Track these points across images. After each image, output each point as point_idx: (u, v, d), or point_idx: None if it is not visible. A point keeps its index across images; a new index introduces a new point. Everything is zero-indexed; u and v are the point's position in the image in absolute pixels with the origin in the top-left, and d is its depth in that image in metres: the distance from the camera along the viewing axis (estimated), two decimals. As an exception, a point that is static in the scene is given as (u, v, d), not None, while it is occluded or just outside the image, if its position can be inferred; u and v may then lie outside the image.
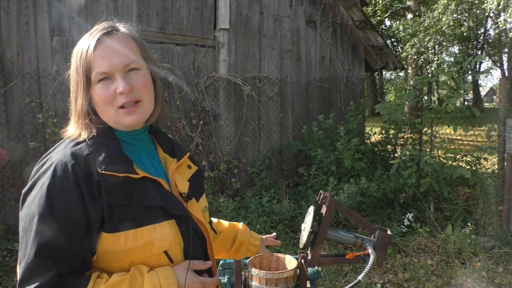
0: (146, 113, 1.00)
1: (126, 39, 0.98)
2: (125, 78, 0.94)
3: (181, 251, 1.00)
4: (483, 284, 3.42)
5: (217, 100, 5.10)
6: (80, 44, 0.98)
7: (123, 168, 0.92)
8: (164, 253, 0.96)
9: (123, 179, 0.91)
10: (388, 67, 6.26)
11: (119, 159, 0.94)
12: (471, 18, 12.49)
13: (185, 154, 1.14)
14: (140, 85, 0.96)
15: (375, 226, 1.40)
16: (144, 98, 0.98)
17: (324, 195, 1.47)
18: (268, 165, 5.31)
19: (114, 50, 0.94)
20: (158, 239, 0.94)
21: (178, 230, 0.99)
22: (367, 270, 1.10)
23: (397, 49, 19.60)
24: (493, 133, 4.77)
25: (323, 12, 5.66)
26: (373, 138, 5.51)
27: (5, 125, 4.18)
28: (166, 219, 0.97)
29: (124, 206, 0.91)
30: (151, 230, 0.93)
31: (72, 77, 0.98)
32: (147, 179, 0.96)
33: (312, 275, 1.59)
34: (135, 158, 1.01)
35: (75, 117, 0.99)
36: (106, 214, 0.88)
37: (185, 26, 4.91)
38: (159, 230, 0.95)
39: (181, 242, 0.99)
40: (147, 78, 0.99)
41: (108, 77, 0.94)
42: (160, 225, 0.95)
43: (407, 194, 4.58)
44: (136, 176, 0.93)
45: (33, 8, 4.23)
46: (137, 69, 0.97)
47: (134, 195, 0.92)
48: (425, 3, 15.84)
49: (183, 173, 1.11)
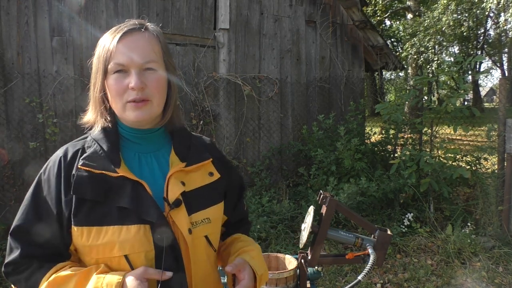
0: (153, 113, 0.99)
1: (151, 38, 0.99)
2: (139, 75, 0.95)
3: (146, 259, 0.92)
4: (483, 284, 3.42)
5: (217, 100, 5.10)
6: (107, 35, 1.00)
7: (101, 165, 0.94)
8: (124, 257, 0.91)
9: (99, 176, 0.93)
10: (388, 67, 6.27)
11: (103, 156, 0.96)
12: (471, 18, 12.50)
13: (203, 160, 1.06)
14: (153, 85, 0.96)
15: (375, 226, 1.40)
16: (154, 99, 0.97)
17: (324, 195, 1.47)
18: (268, 165, 5.31)
19: (136, 46, 0.95)
20: (119, 242, 0.90)
21: (151, 237, 0.92)
22: (367, 270, 1.10)
23: (397, 49, 19.60)
24: (493, 133, 4.77)
25: (323, 12, 5.66)
26: (373, 138, 5.51)
27: (5, 125, 4.18)
28: (138, 223, 0.92)
29: (95, 203, 0.92)
30: (115, 231, 0.91)
31: (93, 64, 1.01)
32: (126, 179, 0.94)
33: (312, 275, 1.59)
34: (132, 157, 1.01)
35: (93, 103, 1.03)
36: (74, 207, 0.91)
37: (185, 26, 4.91)
38: (124, 233, 0.91)
39: (151, 250, 0.92)
40: (161, 80, 0.99)
41: (124, 70, 0.95)
42: (127, 227, 0.91)
43: (407, 194, 4.58)
44: (114, 174, 0.94)
45: (33, 8, 4.23)
46: (154, 70, 0.97)
47: (109, 193, 0.93)
48: (425, 3, 15.84)
49: (195, 180, 1.03)
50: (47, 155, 4.26)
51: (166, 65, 1.01)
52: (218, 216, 1.08)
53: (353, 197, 4.29)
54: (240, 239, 1.18)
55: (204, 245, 1.02)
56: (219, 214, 1.08)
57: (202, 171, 1.06)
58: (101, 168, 0.94)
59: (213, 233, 1.05)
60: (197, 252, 1.00)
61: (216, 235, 1.08)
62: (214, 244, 1.06)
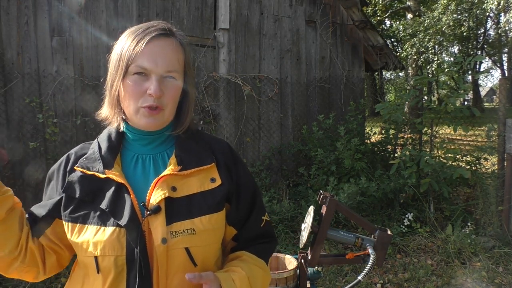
0: (163, 122, 0.99)
1: (177, 47, 0.98)
2: (159, 82, 0.94)
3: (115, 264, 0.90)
4: (483, 284, 3.42)
5: (217, 100, 5.10)
6: (130, 34, 0.98)
7: (93, 166, 0.97)
8: (94, 258, 0.90)
9: (89, 177, 0.96)
10: (388, 67, 6.27)
11: (97, 158, 0.99)
12: (471, 18, 12.50)
13: (202, 164, 1.00)
14: (170, 93, 0.96)
15: (375, 226, 1.40)
16: (167, 108, 0.97)
17: (324, 195, 1.47)
18: (268, 165, 5.31)
19: (163, 53, 0.95)
20: (92, 242, 0.90)
21: (124, 241, 0.89)
22: (367, 270, 1.10)
23: (397, 49, 19.60)
24: (493, 133, 4.77)
25: (323, 12, 5.66)
26: (373, 138, 5.52)
27: (5, 125, 4.18)
28: (115, 225, 0.90)
29: (83, 201, 0.95)
30: (93, 231, 0.91)
31: (113, 60, 0.99)
32: (112, 181, 0.95)
33: (312, 275, 1.59)
34: (130, 158, 1.02)
35: (110, 100, 1.01)
36: (63, 203, 0.96)
37: (185, 26, 4.91)
38: (99, 234, 0.90)
39: (122, 255, 0.89)
40: (178, 90, 0.98)
41: (145, 73, 0.94)
42: (104, 229, 0.90)
43: (407, 194, 4.58)
44: (102, 176, 0.95)
45: (33, 8, 4.23)
46: (174, 78, 0.97)
47: (96, 194, 0.95)
48: (425, 3, 15.85)
49: (191, 185, 0.97)
50: (47, 155, 4.27)
51: (186, 76, 1.01)
52: (209, 228, 0.95)
53: (353, 197, 4.29)
54: (242, 258, 1.03)
55: (182, 258, 0.92)
56: (211, 225, 0.96)
57: (202, 176, 0.99)
58: (92, 169, 0.97)
59: (198, 246, 0.94)
60: (172, 265, 0.92)
61: (203, 248, 0.95)
62: (197, 259, 0.94)
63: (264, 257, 1.08)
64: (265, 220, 1.12)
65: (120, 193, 0.94)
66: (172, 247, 0.91)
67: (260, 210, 1.10)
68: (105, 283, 0.91)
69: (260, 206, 1.11)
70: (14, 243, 0.95)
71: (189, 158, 1.00)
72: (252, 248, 1.07)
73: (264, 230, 1.11)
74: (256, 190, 1.10)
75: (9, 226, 0.95)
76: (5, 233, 0.94)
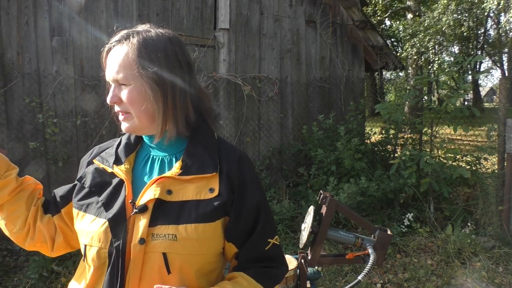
0: (137, 125, 0.99)
1: (126, 52, 0.96)
2: (117, 90, 0.99)
3: (97, 256, 0.92)
4: (483, 284, 3.42)
5: (217, 100, 5.10)
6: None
7: (106, 160, 1.04)
8: (83, 246, 0.97)
9: (100, 170, 1.04)
10: (388, 67, 6.27)
11: (112, 154, 1.06)
12: (471, 18, 12.50)
13: (203, 173, 0.96)
14: (127, 99, 0.97)
15: (375, 226, 1.40)
16: (132, 112, 0.98)
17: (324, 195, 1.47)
18: (268, 165, 5.31)
19: (112, 61, 0.99)
20: (85, 230, 0.96)
21: (110, 235, 0.92)
22: (367, 270, 1.10)
23: (397, 49, 19.60)
24: (493, 133, 4.77)
25: (323, 12, 5.66)
26: (373, 138, 5.52)
27: (5, 125, 4.18)
28: (106, 218, 0.95)
29: (92, 191, 1.01)
30: (88, 220, 0.97)
31: None
32: (115, 176, 1.01)
33: (312, 275, 1.59)
34: (143, 157, 1.07)
35: None
36: (76, 190, 1.06)
37: (185, 26, 4.91)
38: (93, 224, 0.95)
39: (105, 248, 0.92)
40: (133, 93, 0.96)
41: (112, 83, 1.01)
42: (98, 219, 0.95)
43: (407, 194, 4.58)
44: (109, 170, 1.02)
45: (33, 8, 4.23)
46: (125, 84, 0.97)
47: (103, 186, 1.01)
48: (425, 3, 15.84)
49: (187, 192, 0.95)
50: (47, 155, 4.27)
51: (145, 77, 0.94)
52: (194, 237, 0.91)
53: (353, 197, 4.29)
54: (236, 279, 0.97)
55: (158, 263, 0.90)
56: (197, 235, 0.91)
57: (202, 185, 0.96)
58: (104, 163, 1.04)
59: (177, 253, 0.90)
60: (146, 267, 0.90)
61: (183, 257, 0.91)
62: (173, 266, 0.90)
63: (264, 282, 0.99)
64: (273, 243, 1.03)
65: (119, 188, 0.99)
66: (150, 249, 0.90)
67: (265, 230, 1.02)
68: (89, 272, 0.97)
69: (267, 226, 1.02)
70: (21, 222, 1.06)
71: (192, 164, 0.98)
72: (252, 270, 0.99)
73: (270, 253, 1.03)
74: (262, 207, 1.02)
75: (15, 207, 1.06)
76: (13, 213, 1.06)
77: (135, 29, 1.01)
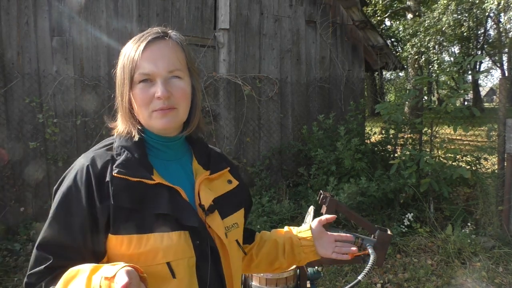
0: (178, 121, 1.00)
1: (175, 46, 0.99)
2: (165, 84, 0.95)
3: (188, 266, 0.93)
4: (483, 284, 3.42)
5: (217, 100, 5.10)
6: (130, 44, 0.99)
7: (137, 173, 0.93)
8: (166, 264, 0.91)
9: (135, 184, 0.91)
10: (388, 67, 6.27)
11: (136, 164, 0.94)
12: (471, 18, 12.50)
13: (223, 168, 1.10)
14: (179, 93, 0.97)
15: (375, 226, 1.40)
16: (180, 107, 0.98)
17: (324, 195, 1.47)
18: (268, 165, 5.31)
19: (161, 55, 0.96)
20: (162, 249, 0.90)
21: (191, 243, 0.94)
22: (367, 270, 1.10)
23: (397, 49, 19.60)
24: (493, 133, 4.77)
25: (323, 12, 5.66)
26: (373, 138, 5.51)
27: (5, 125, 4.18)
28: (178, 229, 0.92)
29: (133, 210, 0.90)
30: (157, 238, 0.90)
31: (118, 74, 1.01)
32: (163, 186, 0.94)
33: (312, 275, 1.59)
34: (160, 164, 1.01)
35: (123, 114, 1.01)
36: (112, 216, 0.89)
37: (185, 26, 4.91)
38: (166, 240, 0.90)
39: (192, 256, 0.94)
40: (186, 88, 0.99)
41: (149, 79, 0.95)
42: (168, 234, 0.91)
43: (407, 194, 4.58)
44: (151, 182, 0.93)
45: (33, 8, 4.23)
46: (179, 78, 0.97)
47: (145, 201, 0.91)
48: (425, 3, 15.84)
49: (218, 187, 1.07)
50: (47, 155, 4.27)
51: (190, 73, 1.02)
52: (242, 221, 1.12)
53: (353, 197, 4.29)
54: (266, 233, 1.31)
55: (236, 248, 1.07)
56: (242, 220, 1.13)
57: (222, 179, 1.10)
58: (137, 175, 0.92)
59: (240, 237, 1.10)
60: (233, 256, 1.04)
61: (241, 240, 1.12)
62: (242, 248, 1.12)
63: None
64: None
65: (175, 197, 0.95)
66: (229, 240, 1.03)
67: None
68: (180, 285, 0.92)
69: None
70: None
71: (211, 163, 1.09)
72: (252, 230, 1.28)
73: None
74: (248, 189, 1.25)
75: None
76: None
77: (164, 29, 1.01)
